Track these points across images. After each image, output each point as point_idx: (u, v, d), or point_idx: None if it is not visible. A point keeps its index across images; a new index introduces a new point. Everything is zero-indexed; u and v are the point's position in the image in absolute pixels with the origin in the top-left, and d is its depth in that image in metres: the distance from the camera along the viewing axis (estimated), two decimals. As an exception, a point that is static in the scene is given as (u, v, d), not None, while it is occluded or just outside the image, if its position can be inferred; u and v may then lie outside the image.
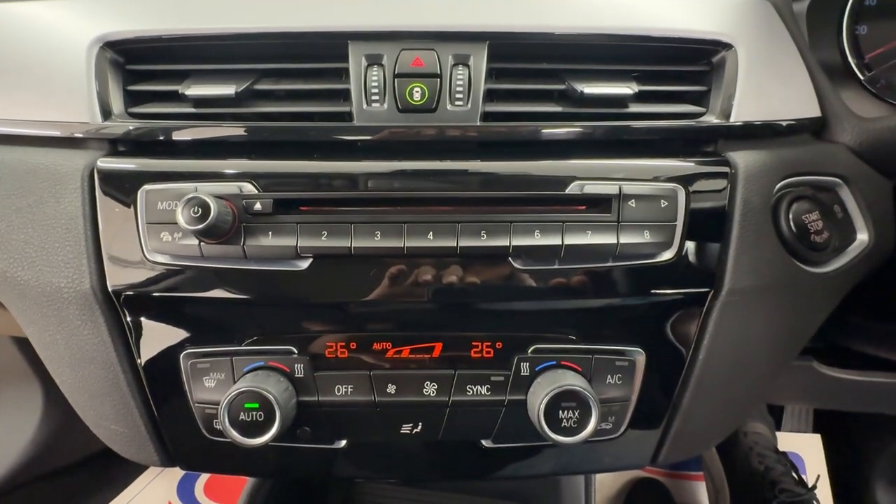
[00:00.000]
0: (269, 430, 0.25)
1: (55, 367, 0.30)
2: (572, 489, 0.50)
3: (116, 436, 0.30)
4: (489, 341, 0.28)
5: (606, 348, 0.28)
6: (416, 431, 0.28)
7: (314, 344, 0.28)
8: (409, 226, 0.27)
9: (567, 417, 0.25)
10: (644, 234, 0.27)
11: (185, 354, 0.28)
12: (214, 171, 0.28)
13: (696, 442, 0.32)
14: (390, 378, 0.27)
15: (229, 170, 0.28)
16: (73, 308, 0.28)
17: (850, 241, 0.32)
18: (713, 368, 0.30)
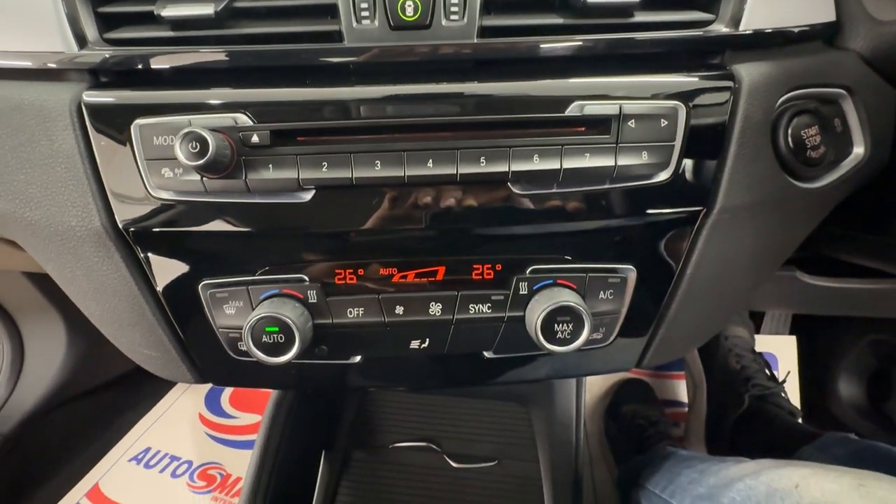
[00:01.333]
0: (289, 350, 0.28)
1: (81, 300, 0.32)
2: (564, 390, 0.56)
3: (150, 359, 0.33)
4: (489, 264, 0.29)
5: (600, 267, 0.30)
6: (424, 346, 0.30)
7: (324, 272, 0.29)
8: (408, 154, 0.27)
9: (562, 330, 0.28)
10: (642, 155, 0.27)
11: (204, 286, 0.29)
12: (204, 102, 0.27)
13: (679, 347, 0.35)
14: (398, 300, 0.29)
15: (219, 100, 0.27)
16: (87, 246, 0.29)
17: (846, 155, 0.32)
18: (699, 282, 0.32)
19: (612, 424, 1.02)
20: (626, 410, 1.02)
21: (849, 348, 1.00)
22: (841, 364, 1.01)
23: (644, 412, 1.00)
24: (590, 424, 1.08)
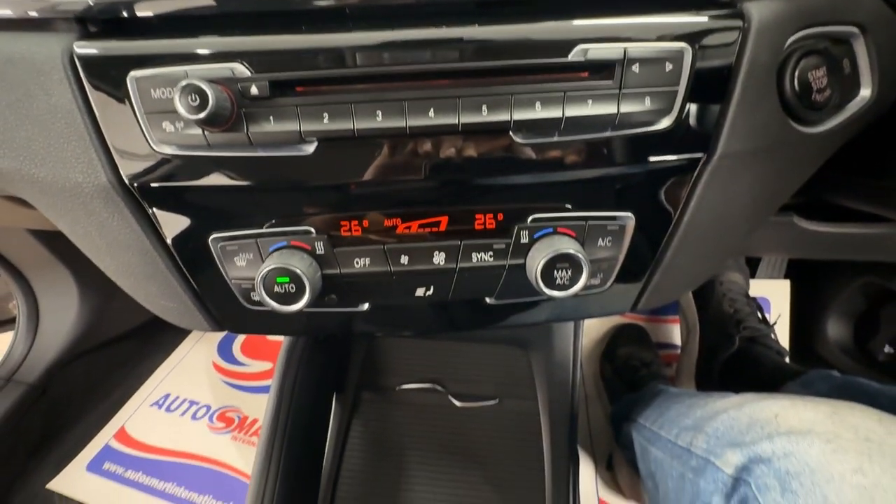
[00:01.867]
0: (300, 299, 0.29)
1: (95, 255, 0.33)
2: (563, 333, 0.58)
3: (168, 310, 0.35)
4: (491, 213, 0.30)
5: (599, 215, 0.30)
6: (429, 294, 0.32)
7: (330, 224, 0.30)
8: (409, 103, 0.27)
9: (561, 276, 0.29)
10: (645, 101, 0.27)
11: (213, 239, 0.30)
12: (198, 52, 0.27)
13: (674, 291, 0.36)
14: (403, 250, 0.30)
15: (214, 49, 0.27)
16: (96, 202, 0.30)
17: (851, 97, 0.32)
18: (696, 228, 0.32)
19: (607, 366, 1.07)
20: (622, 353, 1.06)
21: (840, 291, 1.03)
22: (831, 306, 1.04)
23: (638, 354, 1.04)
24: (586, 366, 1.13)
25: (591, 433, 1.03)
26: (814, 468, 0.29)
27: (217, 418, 1.06)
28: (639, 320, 1.20)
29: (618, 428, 0.80)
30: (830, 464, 0.28)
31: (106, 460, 0.98)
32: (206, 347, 1.22)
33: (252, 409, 1.07)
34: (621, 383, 0.99)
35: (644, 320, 1.20)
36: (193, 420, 1.06)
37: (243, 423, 1.05)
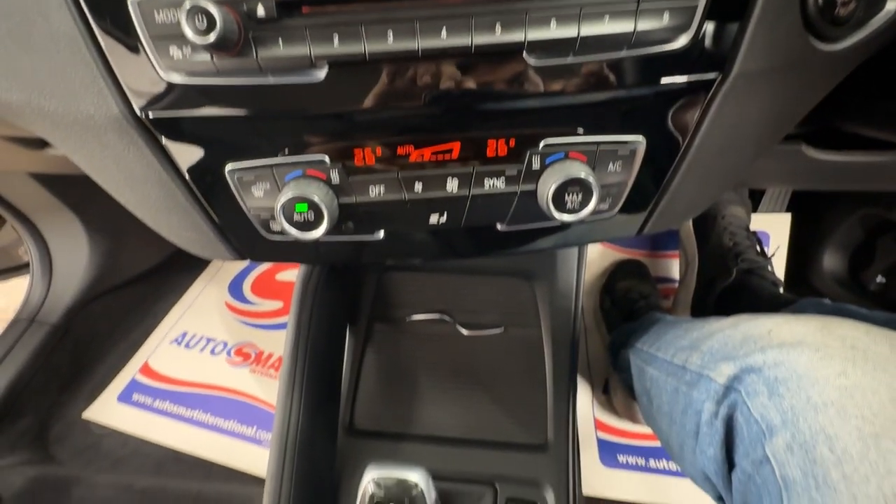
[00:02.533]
0: (319, 227, 0.30)
1: (115, 189, 0.34)
2: (566, 265, 0.60)
3: (191, 241, 0.36)
4: (503, 139, 0.30)
5: (610, 139, 0.31)
6: (442, 221, 0.33)
7: (343, 152, 0.30)
8: (420, 23, 0.26)
9: (571, 200, 0.30)
10: (663, 17, 0.27)
11: (230, 170, 0.31)
12: None
13: (679, 215, 0.37)
14: (416, 177, 0.31)
15: (214, -33, 0.25)
16: (110, 134, 0.30)
17: (876, 11, 0.31)
18: (705, 152, 0.33)
19: (606, 299, 1.11)
20: (621, 286, 1.10)
21: (840, 223, 1.04)
22: (829, 238, 1.06)
23: (637, 287, 1.08)
24: (586, 300, 1.17)
25: (589, 361, 1.09)
26: (801, 374, 0.31)
27: (235, 353, 1.11)
28: (639, 255, 1.22)
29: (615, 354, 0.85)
30: (817, 369, 0.31)
31: (134, 392, 1.05)
32: (216, 288, 1.26)
33: (267, 345, 1.13)
34: (619, 315, 1.03)
35: (644, 255, 1.23)
36: (212, 355, 1.11)
37: (259, 357, 1.10)
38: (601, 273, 1.19)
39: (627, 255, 1.22)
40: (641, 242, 1.24)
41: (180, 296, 1.25)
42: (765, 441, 0.31)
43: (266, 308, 1.21)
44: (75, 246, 1.07)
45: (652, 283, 1.13)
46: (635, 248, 1.23)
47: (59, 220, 1.03)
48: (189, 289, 1.26)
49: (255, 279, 1.27)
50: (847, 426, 0.28)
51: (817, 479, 0.27)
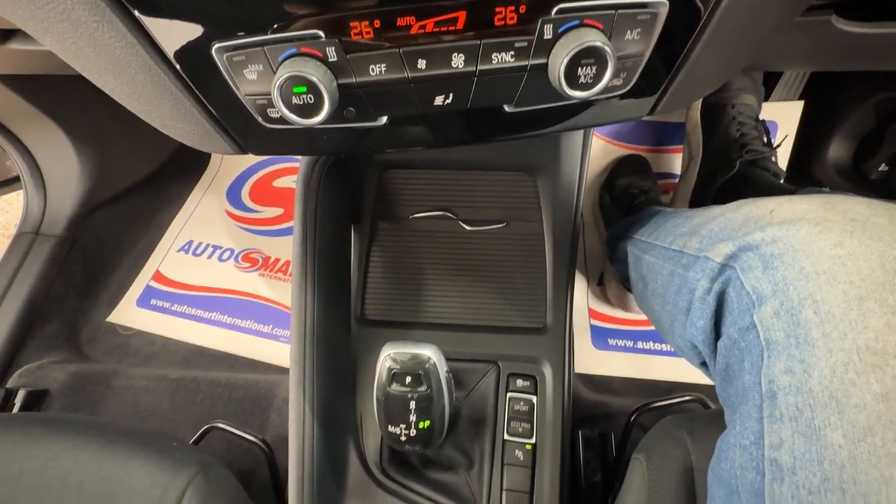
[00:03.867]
0: (320, 111, 0.29)
1: (95, 75, 0.31)
2: (569, 158, 0.59)
3: (186, 133, 0.35)
4: (512, 6, 0.28)
5: (630, 2, 0.28)
6: (448, 102, 0.31)
7: (339, 26, 0.28)
8: None
9: (585, 74, 0.28)
10: None
11: (217, 49, 0.29)
12: None
13: (693, 93, 0.35)
14: (419, 53, 0.29)
15: None
16: (79, 9, 0.27)
17: None
18: (729, 19, 0.30)
19: (605, 196, 1.11)
20: (621, 183, 1.09)
21: (853, 110, 1.00)
22: (840, 126, 1.03)
23: (638, 183, 1.07)
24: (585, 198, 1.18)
25: (586, 256, 1.12)
26: (797, 248, 0.32)
27: (242, 259, 1.14)
28: (641, 151, 1.19)
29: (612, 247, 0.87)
30: (814, 242, 0.31)
31: (152, 297, 1.10)
32: (215, 197, 1.25)
33: (273, 250, 1.15)
34: (619, 211, 1.04)
35: (646, 151, 1.20)
36: (220, 262, 1.15)
37: (267, 262, 1.14)
38: (602, 171, 1.18)
39: (629, 150, 1.19)
40: (644, 137, 1.20)
41: (179, 206, 1.24)
42: (753, 310, 0.33)
43: (267, 215, 1.21)
44: (62, 156, 1.04)
45: (653, 178, 1.12)
46: (638, 144, 1.20)
47: (40, 128, 0.99)
48: (187, 199, 1.25)
49: (252, 186, 1.25)
50: (834, 291, 0.29)
51: (798, 339, 0.30)
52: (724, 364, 0.37)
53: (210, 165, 1.29)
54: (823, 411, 0.27)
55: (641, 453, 0.49)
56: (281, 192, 1.24)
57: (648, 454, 0.48)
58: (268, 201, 1.23)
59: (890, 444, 0.25)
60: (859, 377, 0.27)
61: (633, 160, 1.15)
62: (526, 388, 0.56)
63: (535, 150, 0.58)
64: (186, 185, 1.25)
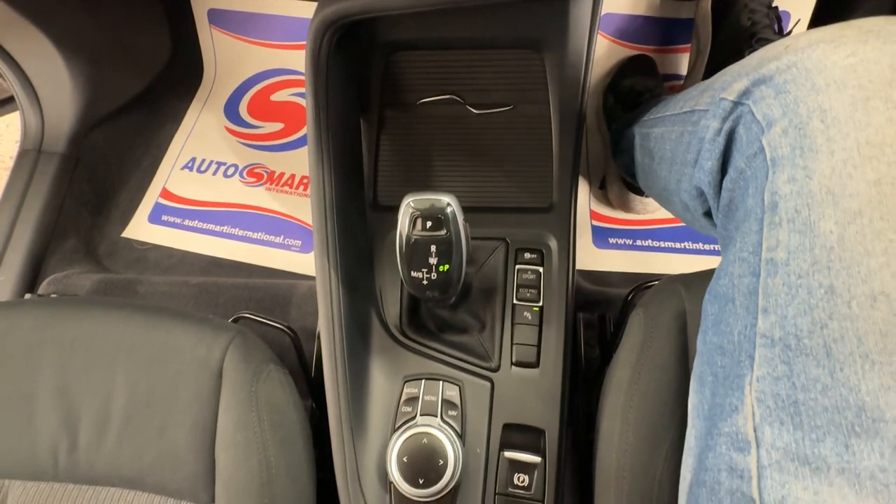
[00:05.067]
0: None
1: None
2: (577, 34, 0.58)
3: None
4: None
5: None
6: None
7: None
8: None
9: None
10: None
11: None
12: None
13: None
14: None
15: None
16: None
17: None
18: None
19: (609, 97, 1.10)
20: (626, 83, 1.07)
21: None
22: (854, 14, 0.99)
23: (643, 83, 1.05)
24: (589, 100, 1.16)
25: (589, 160, 1.13)
26: (811, 68, 0.31)
27: (247, 174, 1.15)
28: (647, 51, 1.16)
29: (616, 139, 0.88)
30: (827, 58, 0.30)
31: (162, 213, 1.12)
32: (212, 114, 1.23)
33: (277, 165, 1.16)
34: (623, 110, 1.03)
35: (653, 51, 1.17)
36: (226, 178, 1.16)
37: (272, 176, 1.14)
38: (606, 72, 1.15)
39: (635, 50, 1.15)
40: (651, 36, 1.16)
41: (178, 124, 1.23)
42: (762, 135, 0.33)
43: (268, 130, 1.20)
44: (54, 70, 1.01)
45: (659, 78, 1.10)
46: (644, 44, 1.16)
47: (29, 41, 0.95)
48: (185, 116, 1.23)
49: (249, 101, 1.23)
50: (842, 97, 0.29)
51: (803, 149, 0.30)
52: (727, 199, 0.38)
53: (204, 80, 1.26)
54: (819, 207, 0.29)
55: (640, 307, 0.53)
56: (280, 107, 1.22)
57: (646, 306, 0.52)
58: (267, 116, 1.21)
59: (876, 221, 0.27)
60: (856, 170, 0.28)
61: (638, 60, 1.12)
62: (533, 260, 0.60)
63: (542, 24, 0.57)
64: (182, 101, 1.23)
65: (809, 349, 0.28)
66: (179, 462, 0.48)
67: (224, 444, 0.48)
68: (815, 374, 0.28)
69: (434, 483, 0.47)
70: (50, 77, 1.02)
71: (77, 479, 0.49)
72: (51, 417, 0.50)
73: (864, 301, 0.27)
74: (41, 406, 0.50)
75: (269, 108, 1.21)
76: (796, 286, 0.29)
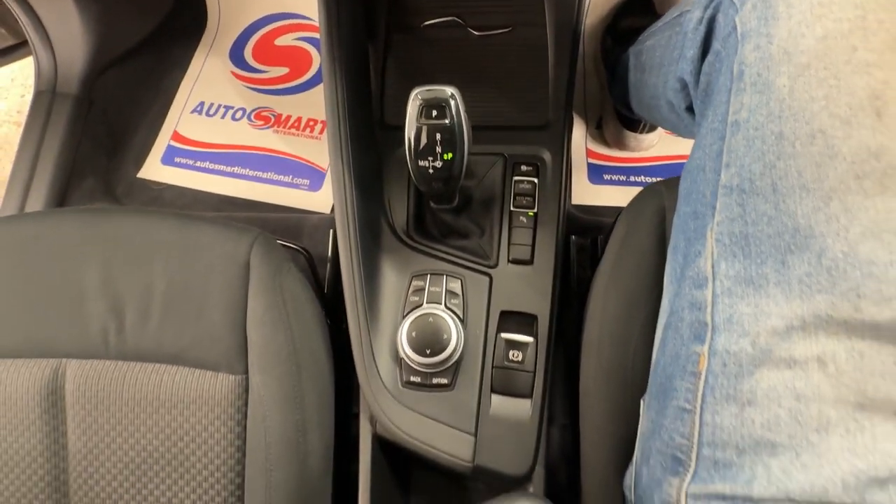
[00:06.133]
0: None
1: None
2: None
3: None
4: None
5: None
6: None
7: None
8: None
9: None
10: None
11: None
12: None
13: None
14: None
15: None
16: None
17: None
18: None
19: (608, 39, 1.12)
20: (625, 24, 1.10)
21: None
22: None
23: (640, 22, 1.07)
24: (587, 44, 1.18)
25: (586, 101, 1.17)
26: None
27: (254, 117, 1.19)
28: (647, -8, 1.17)
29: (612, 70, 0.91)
30: None
31: (175, 156, 1.17)
32: (218, 59, 1.26)
33: (284, 108, 1.19)
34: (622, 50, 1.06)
35: (652, -9, 1.17)
36: (234, 121, 1.19)
37: (279, 119, 1.18)
38: (605, 15, 1.17)
39: (634, -8, 1.16)
40: (650, -23, 1.17)
41: (184, 69, 1.25)
42: (736, 15, 0.36)
43: (273, 75, 1.23)
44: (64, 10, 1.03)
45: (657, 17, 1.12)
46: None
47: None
48: (191, 61, 1.26)
49: (254, 46, 1.25)
50: None
51: (767, 19, 0.34)
52: (705, 84, 0.42)
53: (209, 25, 1.27)
54: (777, 66, 0.32)
55: (625, 210, 0.59)
56: (284, 51, 1.24)
57: (630, 207, 0.58)
58: (272, 61, 1.24)
59: (821, 71, 0.31)
60: (808, 28, 0.32)
61: (637, 1, 1.13)
62: (529, 172, 0.65)
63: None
64: (188, 46, 1.25)
65: (759, 189, 0.33)
66: (216, 340, 0.55)
67: (254, 322, 0.54)
68: (763, 209, 0.33)
69: (439, 353, 0.54)
70: (61, 18, 1.04)
71: (126, 357, 0.56)
72: (99, 304, 0.56)
73: (805, 139, 0.31)
74: (90, 295, 0.56)
75: (274, 53, 1.24)
76: (753, 138, 0.34)
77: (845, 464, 0.28)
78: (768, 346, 0.31)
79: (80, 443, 0.56)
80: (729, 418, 0.33)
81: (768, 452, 0.31)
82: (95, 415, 0.55)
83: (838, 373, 0.29)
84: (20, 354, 0.56)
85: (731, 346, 0.33)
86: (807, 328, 0.30)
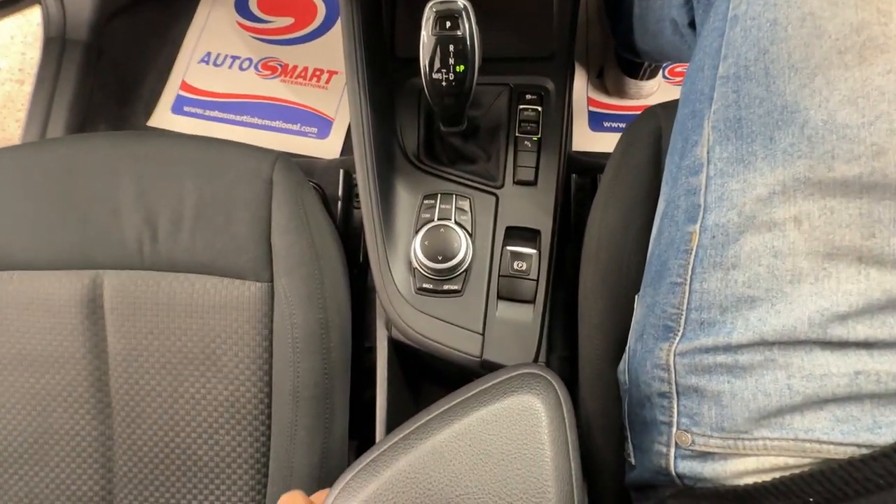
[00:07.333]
0: None
1: None
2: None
3: None
4: None
5: None
6: None
7: None
8: None
9: None
10: None
11: None
12: None
13: None
14: None
15: None
16: None
17: None
18: None
19: (610, -12, 1.13)
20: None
21: None
22: None
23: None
24: None
25: (588, 50, 1.19)
26: None
27: (261, 67, 1.20)
28: (650, -60, 1.18)
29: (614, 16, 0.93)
30: None
31: (184, 105, 1.19)
32: (224, 9, 1.26)
33: (290, 58, 1.21)
34: (623, -3, 1.08)
35: (655, -60, 1.18)
36: (241, 70, 1.21)
37: (286, 68, 1.20)
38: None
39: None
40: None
41: (189, 19, 1.26)
42: None
43: (279, 25, 1.24)
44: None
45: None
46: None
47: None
48: (196, 12, 1.26)
49: (259, -4, 1.26)
50: None
51: None
52: None
53: (213, -25, 1.28)
54: None
55: (623, 132, 0.62)
56: (289, 1, 1.25)
57: (628, 129, 0.62)
58: (277, 11, 1.24)
59: None
60: None
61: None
62: (533, 101, 0.69)
63: None
64: None
65: (753, 74, 0.35)
66: (242, 249, 0.59)
67: (279, 230, 0.59)
68: (756, 93, 0.34)
69: (450, 260, 0.58)
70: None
71: (160, 267, 0.61)
72: (134, 217, 0.60)
73: (796, 23, 0.32)
74: (125, 208, 0.60)
75: (279, 3, 1.24)
76: (749, 28, 0.35)
77: (812, 305, 0.31)
78: (752, 212, 0.33)
79: (120, 346, 0.61)
80: (715, 283, 0.35)
81: (747, 307, 0.34)
82: (133, 321, 0.60)
83: (811, 228, 0.31)
84: (62, 266, 0.61)
85: (720, 220, 0.35)
86: (786, 192, 0.32)
